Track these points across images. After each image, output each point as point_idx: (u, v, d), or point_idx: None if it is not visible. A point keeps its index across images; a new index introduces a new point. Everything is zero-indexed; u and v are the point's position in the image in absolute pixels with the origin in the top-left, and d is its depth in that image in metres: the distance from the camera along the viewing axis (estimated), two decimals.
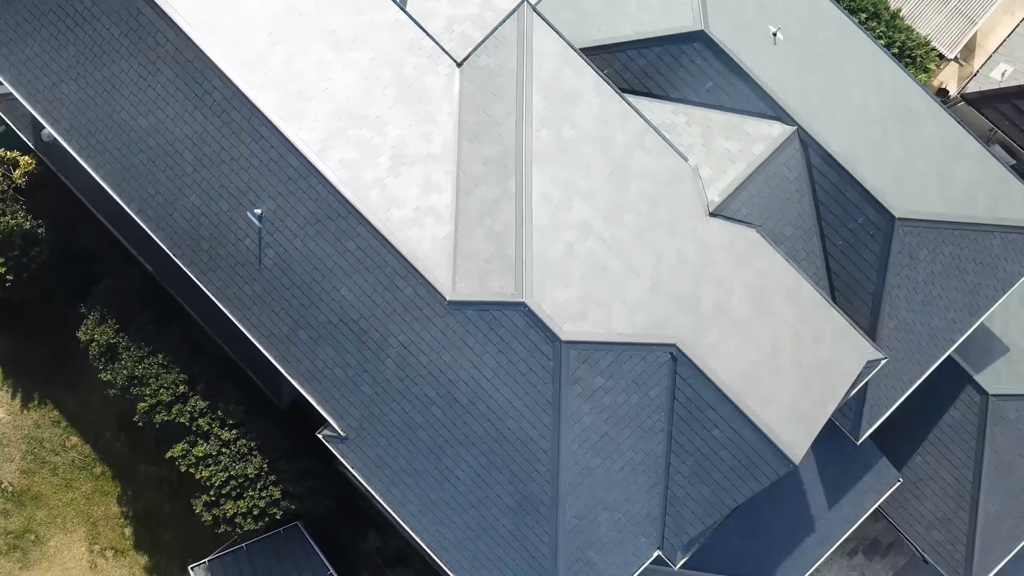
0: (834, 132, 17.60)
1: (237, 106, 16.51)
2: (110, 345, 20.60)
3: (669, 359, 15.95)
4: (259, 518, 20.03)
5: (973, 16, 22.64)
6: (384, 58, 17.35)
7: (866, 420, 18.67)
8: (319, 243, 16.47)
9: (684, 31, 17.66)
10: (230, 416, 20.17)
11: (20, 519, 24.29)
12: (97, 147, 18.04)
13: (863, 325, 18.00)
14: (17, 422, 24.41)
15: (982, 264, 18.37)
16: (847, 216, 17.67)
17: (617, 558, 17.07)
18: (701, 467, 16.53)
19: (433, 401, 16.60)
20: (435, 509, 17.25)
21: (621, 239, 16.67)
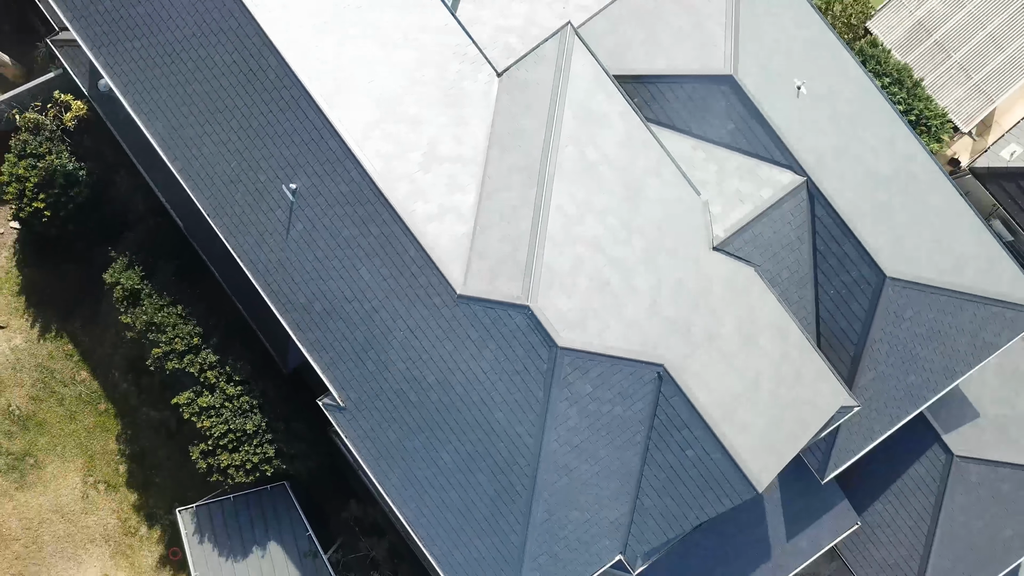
0: (841, 188, 18.60)
1: (288, 85, 17.57)
2: (134, 290, 21.68)
3: (655, 377, 16.99)
4: (251, 472, 21.11)
5: (992, 95, 23.61)
6: (429, 60, 18.42)
7: (833, 462, 19.67)
8: (345, 224, 17.55)
9: (714, 73, 18.67)
10: (237, 373, 21.25)
11: (22, 442, 25.42)
12: (150, 104, 19.11)
13: (843, 373, 19.01)
14: (33, 350, 25.55)
15: (963, 331, 19.35)
16: (842, 269, 18.67)
17: (581, 556, 18.12)
18: (671, 482, 17.57)
19: (430, 385, 17.66)
20: (417, 486, 18.33)
21: (627, 259, 17.69)
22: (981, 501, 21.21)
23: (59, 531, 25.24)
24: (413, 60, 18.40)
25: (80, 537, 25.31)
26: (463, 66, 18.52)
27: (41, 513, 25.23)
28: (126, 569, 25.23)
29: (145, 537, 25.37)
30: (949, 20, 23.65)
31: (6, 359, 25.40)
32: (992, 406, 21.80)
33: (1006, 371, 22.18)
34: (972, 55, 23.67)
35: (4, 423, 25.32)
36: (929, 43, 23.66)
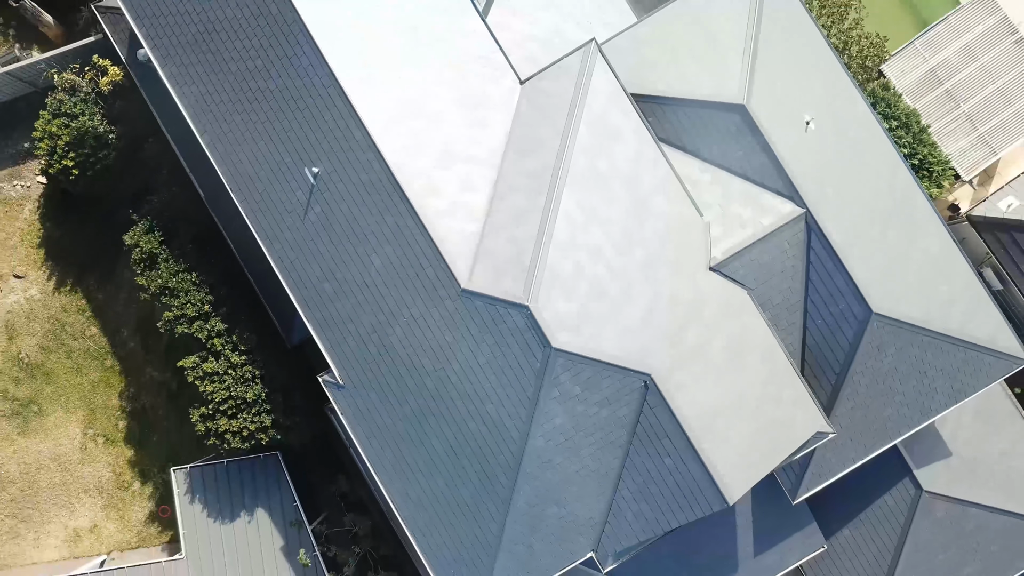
0: (838, 223, 19.34)
1: (319, 73, 18.37)
2: (152, 254, 22.50)
3: (642, 386, 17.76)
4: (246, 440, 21.92)
5: (996, 147, 24.34)
6: (456, 62, 19.20)
7: (805, 484, 20.42)
8: (362, 211, 18.35)
9: (727, 101, 19.43)
10: (242, 342, 22.07)
11: (28, 389, 26.29)
12: (186, 78, 19.93)
13: (822, 400, 19.76)
14: (47, 302, 26.41)
15: (942, 372, 20.08)
16: (831, 300, 19.42)
17: (555, 549, 18.91)
18: (647, 488, 18.35)
19: (427, 373, 18.46)
20: (406, 468, 19.13)
21: (626, 270, 18.46)
22: (945, 537, 21.93)
23: (55, 479, 26.09)
24: (440, 60, 19.19)
25: (75, 486, 26.16)
26: (487, 70, 19.31)
27: (40, 460, 26.08)
28: (116, 521, 26.08)
29: (137, 492, 26.21)
30: (961, 71, 24.39)
31: (21, 308, 26.25)
32: (965, 447, 22.52)
33: (982, 415, 22.90)
34: (980, 107, 24.40)
35: (13, 370, 26.18)
36: (939, 91, 24.40)
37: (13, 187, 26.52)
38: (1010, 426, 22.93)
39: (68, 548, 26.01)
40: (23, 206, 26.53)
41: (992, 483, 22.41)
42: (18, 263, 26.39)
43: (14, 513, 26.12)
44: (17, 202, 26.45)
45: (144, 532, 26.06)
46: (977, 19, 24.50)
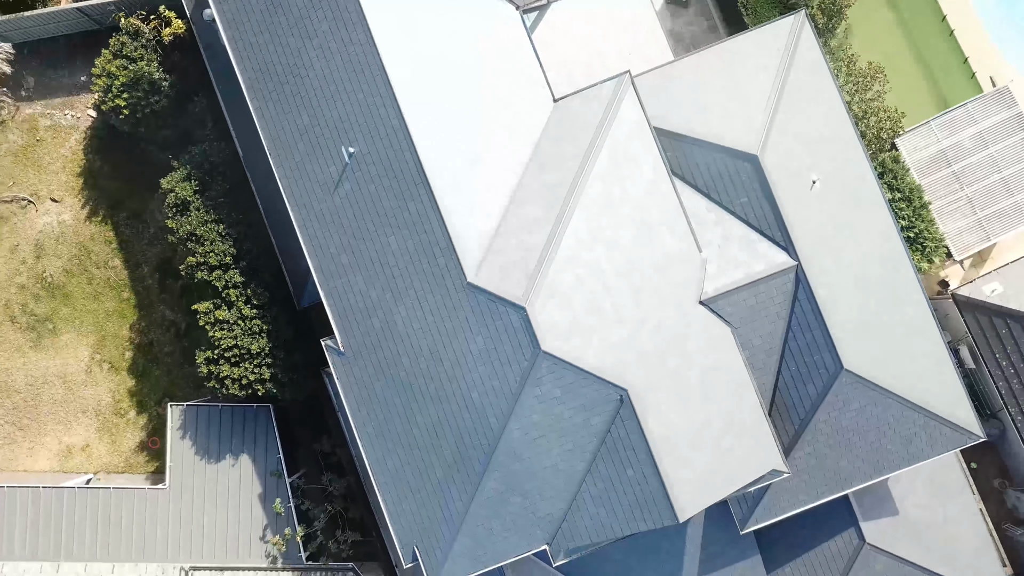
0: (826, 281, 20.58)
1: (370, 63, 19.68)
2: (185, 200, 23.84)
3: (618, 399, 19.06)
4: (244, 388, 23.27)
5: (991, 233, 25.52)
6: (498, 72, 20.51)
7: (755, 517, 21.68)
8: (388, 195, 19.69)
9: (743, 150, 20.71)
10: (256, 297, 23.42)
11: (47, 307, 27.72)
12: (246, 44, 21.26)
13: (784, 441, 21.02)
14: (78, 228, 27.83)
15: (900, 434, 21.31)
16: (807, 350, 20.68)
17: (512, 537, 20.22)
18: (607, 494, 19.65)
19: (423, 354, 19.79)
20: (388, 437, 20.46)
21: (622, 290, 19.74)
22: None
23: (58, 395, 27.53)
24: (484, 68, 20.49)
25: (75, 405, 27.59)
26: (526, 85, 20.62)
27: (46, 375, 27.52)
28: (108, 445, 27.50)
29: (132, 421, 27.62)
30: (970, 156, 25.59)
31: (52, 231, 27.68)
32: (913, 509, 23.72)
33: (935, 481, 24.10)
34: (983, 193, 25.60)
35: (35, 286, 27.61)
36: (946, 172, 25.60)
37: (64, 115, 27.95)
38: (958, 496, 24.12)
39: (59, 462, 27.45)
40: (70, 135, 27.96)
41: (933, 547, 23.59)
42: (57, 188, 27.82)
43: (14, 421, 27.57)
44: (66, 130, 27.88)
45: (132, 459, 27.47)
46: (994, 110, 25.69)
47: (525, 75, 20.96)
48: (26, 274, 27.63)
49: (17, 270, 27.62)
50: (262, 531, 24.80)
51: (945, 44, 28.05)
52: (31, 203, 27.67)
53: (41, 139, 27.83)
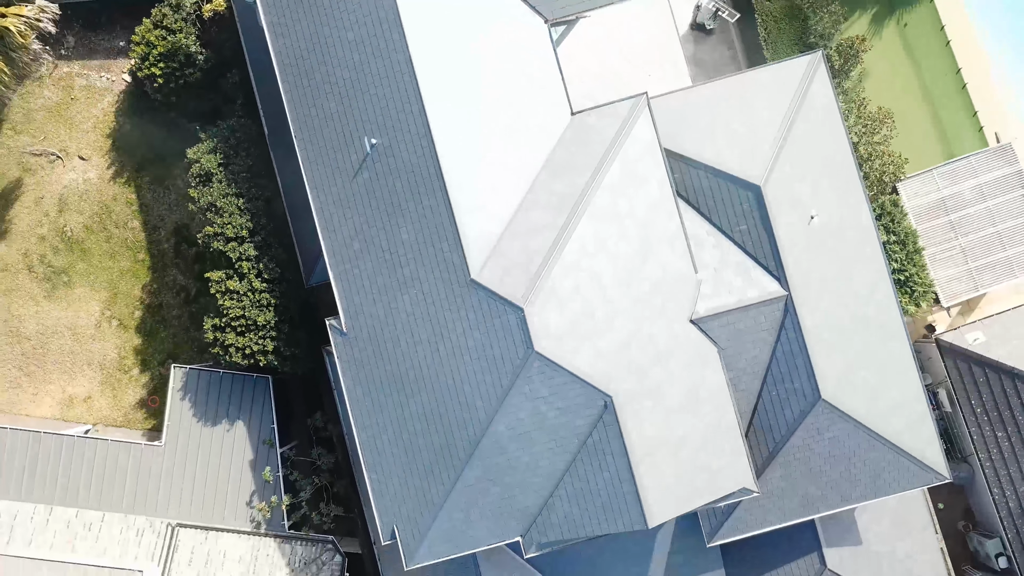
0: (813, 313, 21.41)
1: (401, 61, 20.51)
2: (209, 172, 24.74)
3: (602, 405, 19.93)
4: (247, 357, 24.18)
5: (980, 284, 26.33)
6: (520, 81, 21.37)
7: (723, 532, 22.54)
8: (404, 188, 20.57)
9: (747, 179, 21.55)
10: (267, 271, 24.32)
11: (64, 260, 28.67)
12: (284, 28, 22.09)
13: (757, 462, 21.88)
14: (102, 188, 28.78)
15: (868, 467, 22.14)
16: (789, 377, 21.53)
17: (488, 525, 21.10)
18: (583, 494, 20.52)
19: (422, 342, 20.68)
20: (379, 419, 21.35)
21: (617, 301, 20.60)
22: None
23: (66, 346, 28.48)
24: (507, 77, 21.34)
25: (81, 357, 28.54)
26: (546, 96, 21.47)
27: (57, 325, 28.48)
28: (109, 399, 28.44)
29: (134, 378, 28.57)
30: (968, 208, 26.41)
31: (77, 187, 28.63)
32: (876, 541, 24.55)
33: (900, 516, 24.92)
34: (976, 244, 26.41)
35: (55, 239, 28.56)
36: (943, 220, 26.42)
37: (100, 78, 28.89)
38: (921, 533, 24.95)
39: (60, 410, 28.41)
40: (104, 97, 28.91)
41: None
42: (85, 146, 28.77)
43: (21, 366, 28.52)
44: (100, 92, 28.83)
45: (130, 415, 28.41)
46: (996, 165, 26.51)
47: (547, 86, 21.80)
48: (47, 226, 28.58)
49: (39, 221, 28.57)
50: (249, 496, 25.72)
51: (957, 96, 28.91)
52: (59, 158, 28.61)
53: (75, 98, 28.77)
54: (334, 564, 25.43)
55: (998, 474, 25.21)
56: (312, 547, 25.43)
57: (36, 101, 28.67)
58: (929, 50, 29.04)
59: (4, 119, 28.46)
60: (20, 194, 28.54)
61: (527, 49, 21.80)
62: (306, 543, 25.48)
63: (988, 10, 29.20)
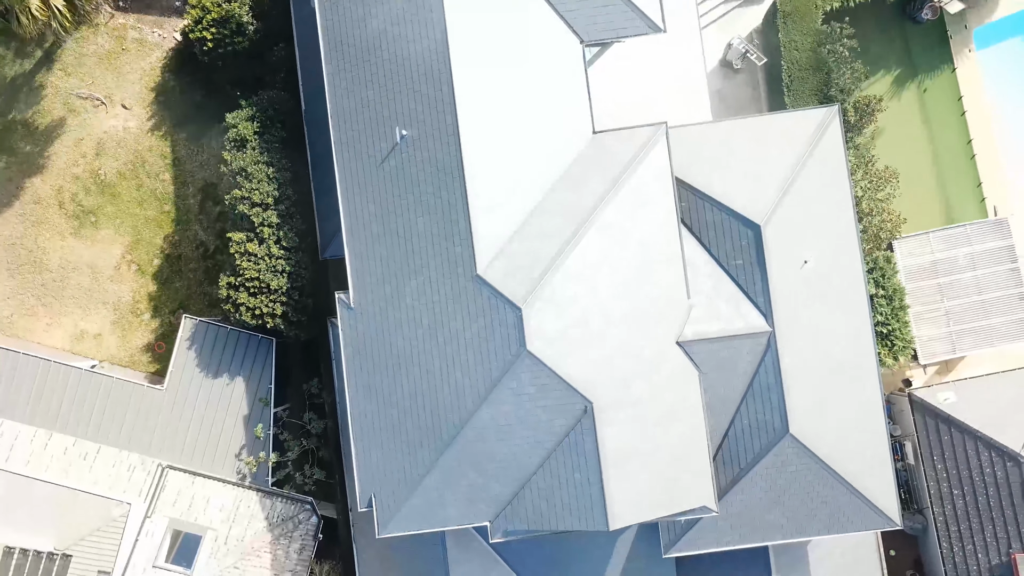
0: (793, 352, 22.56)
1: (440, 61, 21.70)
2: (244, 138, 25.99)
3: (582, 409, 21.14)
4: (256, 318, 25.44)
5: (958, 348, 27.48)
6: (549, 94, 22.56)
7: (679, 545, 23.71)
8: (427, 180, 21.78)
9: (749, 218, 22.72)
10: (285, 240, 25.57)
11: (94, 201, 29.98)
12: (335, 13, 23.27)
13: (720, 484, 23.07)
14: (139, 138, 30.08)
15: (826, 504, 23.29)
16: (761, 409, 22.71)
17: (461, 508, 22.33)
18: (553, 490, 21.74)
19: (422, 326, 21.92)
20: (372, 393, 22.58)
21: (611, 314, 21.79)
22: None
23: (84, 283, 29.79)
24: (538, 86, 22.53)
25: (97, 296, 29.85)
26: (571, 114, 22.68)
27: (78, 262, 29.79)
28: (118, 339, 29.75)
29: (144, 323, 29.87)
30: (958, 273, 27.56)
31: (116, 134, 29.93)
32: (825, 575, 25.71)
33: (850, 557, 26.06)
34: (960, 309, 27.57)
35: (89, 181, 29.87)
36: (932, 282, 27.57)
37: (152, 33, 30.17)
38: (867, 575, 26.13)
39: (70, 343, 29.72)
40: (153, 52, 30.19)
41: None
42: (130, 96, 30.06)
43: (39, 296, 29.84)
44: (150, 47, 30.12)
45: (136, 357, 29.71)
46: (990, 237, 27.67)
47: (573, 103, 22.97)
48: (83, 167, 29.88)
49: (76, 161, 29.87)
50: (239, 449, 27.00)
51: (964, 165, 30.06)
52: (103, 104, 29.90)
53: (127, 49, 30.06)
54: (310, 524, 26.70)
55: (949, 529, 26.36)
56: (291, 505, 26.70)
57: (89, 47, 29.95)
58: (944, 118, 30.18)
59: (57, 60, 29.77)
60: (61, 133, 29.84)
61: (560, 65, 22.98)
62: (286, 501, 26.75)
63: (1006, 89, 30.36)
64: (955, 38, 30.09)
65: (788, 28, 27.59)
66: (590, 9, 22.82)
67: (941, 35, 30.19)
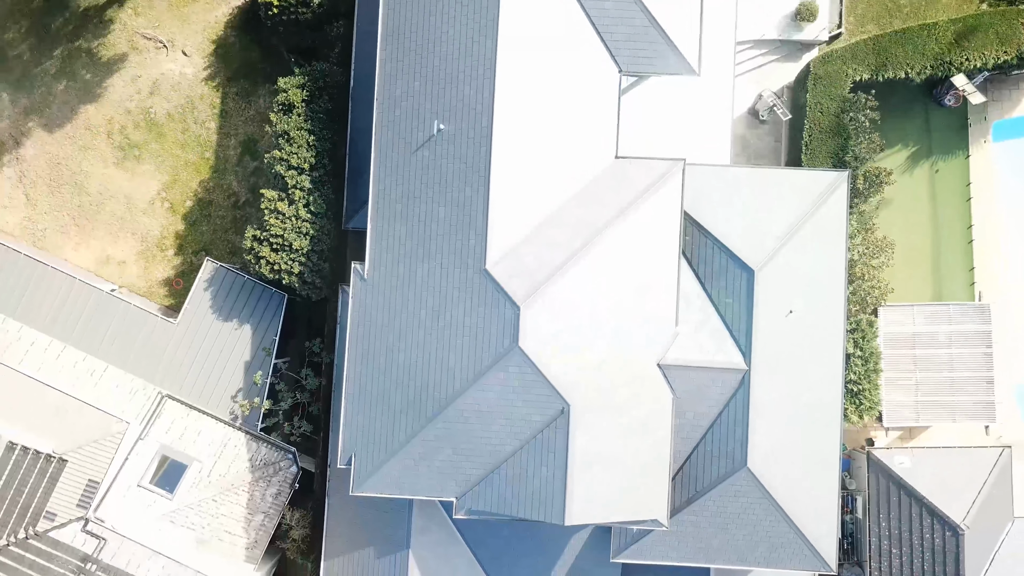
0: (764, 392, 24.10)
1: (487, 68, 23.27)
2: (292, 103, 27.58)
3: (560, 409, 22.73)
4: (274, 273, 27.05)
5: (921, 418, 28.87)
6: (580, 114, 24.11)
7: (627, 552, 25.24)
8: (455, 174, 23.38)
9: (745, 262, 24.28)
10: (314, 205, 27.15)
11: (140, 137, 31.65)
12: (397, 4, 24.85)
13: (675, 502, 24.60)
14: (193, 85, 31.73)
15: (769, 538, 24.80)
16: (724, 439, 24.25)
17: (432, 479, 23.92)
18: (519, 479, 23.32)
19: (425, 308, 23.51)
20: (369, 360, 24.18)
21: (602, 327, 23.34)
22: None
23: (119, 211, 31.49)
24: (572, 104, 24.07)
25: (128, 225, 31.54)
26: (597, 135, 24.24)
27: (116, 191, 31.48)
28: (141, 268, 31.44)
29: (168, 258, 31.54)
30: (934, 348, 29.02)
31: (173, 77, 31.59)
32: None
33: None
34: (930, 383, 29.04)
35: (139, 117, 31.55)
36: (909, 352, 29.04)
37: None
38: None
39: (95, 265, 31.42)
40: (220, 7, 31.82)
41: None
42: (191, 44, 31.72)
43: (74, 216, 31.55)
44: (219, 2, 31.75)
45: (155, 289, 31.39)
46: (970, 320, 29.12)
47: (602, 126, 24.52)
48: (136, 103, 31.55)
49: (130, 96, 31.55)
50: (236, 392, 28.64)
51: (961, 248, 31.47)
52: (165, 47, 31.56)
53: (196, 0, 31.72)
54: (289, 472, 28.35)
55: None
56: (275, 452, 28.34)
57: None
58: (950, 200, 31.57)
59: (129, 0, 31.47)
60: (121, 68, 31.52)
61: (596, 89, 24.52)
62: (271, 447, 28.39)
63: (1014, 183, 31.74)
64: (974, 127, 31.51)
65: (817, 90, 29.06)
66: (633, 42, 24.37)
67: (961, 122, 31.61)
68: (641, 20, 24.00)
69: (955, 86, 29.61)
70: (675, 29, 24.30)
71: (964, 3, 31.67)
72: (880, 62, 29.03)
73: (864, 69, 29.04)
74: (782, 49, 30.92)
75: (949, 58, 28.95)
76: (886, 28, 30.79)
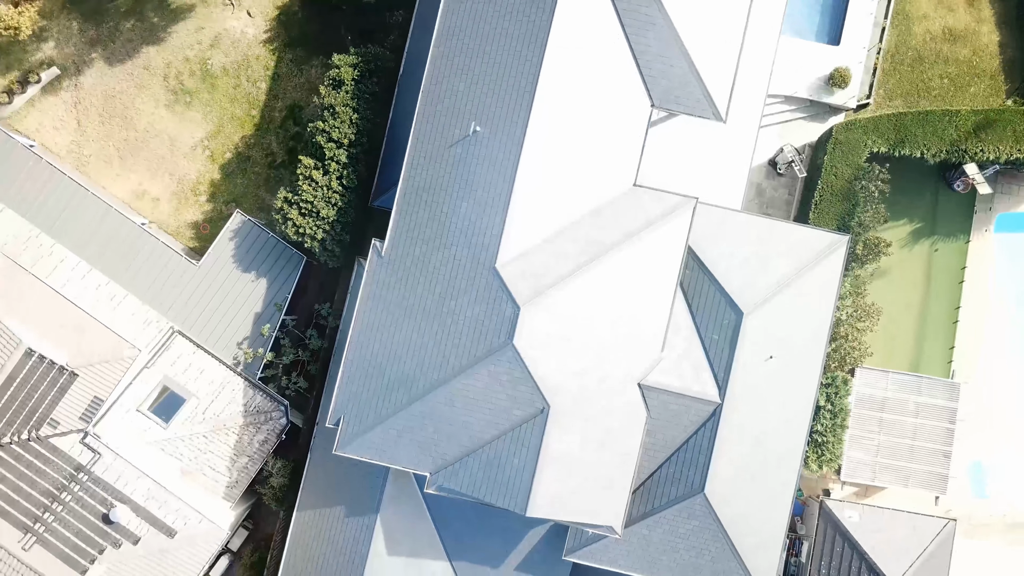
0: (731, 427, 25.61)
1: (528, 81, 24.80)
2: (342, 80, 29.15)
3: (539, 408, 24.32)
4: (299, 235, 28.65)
5: (877, 479, 30.39)
6: (607, 138, 25.64)
7: (580, 554, 26.79)
8: (482, 175, 24.94)
9: (736, 303, 25.81)
10: (346, 179, 28.75)
11: (194, 85, 33.27)
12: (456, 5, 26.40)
13: (632, 512, 26.17)
14: (252, 45, 33.33)
15: (712, 565, 26.15)
16: (687, 464, 25.80)
17: (411, 451, 25.54)
18: (492, 465, 24.91)
19: (432, 293, 25.11)
20: (373, 330, 25.79)
21: (593, 339, 24.90)
22: None
23: (162, 151, 33.15)
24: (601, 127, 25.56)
25: (168, 164, 33.21)
26: (621, 160, 25.78)
27: (162, 132, 33.12)
28: (173, 207, 33.11)
29: (200, 203, 33.20)
30: (900, 415, 30.51)
31: (235, 35, 33.22)
32: None
33: None
34: (891, 446, 30.55)
35: (196, 66, 33.18)
36: (876, 414, 30.55)
37: None
38: None
39: (131, 198, 33.09)
40: None
41: None
42: (257, 7, 33.33)
43: (119, 148, 33.22)
44: None
45: (183, 230, 33.06)
46: (940, 395, 30.59)
47: (626, 153, 26.08)
48: (195, 52, 33.19)
49: (191, 46, 33.19)
50: (242, 340, 30.29)
51: (945, 326, 32.89)
52: (232, 5, 33.17)
53: None
54: (279, 423, 30.00)
55: None
56: (268, 402, 30.00)
57: None
58: (943, 279, 32.97)
59: None
60: (188, 17, 33.15)
61: (626, 117, 26.06)
62: (265, 396, 30.04)
63: (1008, 276, 33.11)
64: (978, 214, 32.92)
65: (835, 154, 30.52)
66: (668, 81, 25.90)
67: (967, 207, 33.01)
68: (680, 63, 25.53)
69: (966, 173, 31.02)
70: (710, 76, 25.82)
71: (992, 95, 33.09)
72: (899, 138, 30.47)
73: (883, 142, 30.49)
74: (811, 109, 32.39)
75: (965, 146, 30.37)
76: (912, 106, 32.23)
